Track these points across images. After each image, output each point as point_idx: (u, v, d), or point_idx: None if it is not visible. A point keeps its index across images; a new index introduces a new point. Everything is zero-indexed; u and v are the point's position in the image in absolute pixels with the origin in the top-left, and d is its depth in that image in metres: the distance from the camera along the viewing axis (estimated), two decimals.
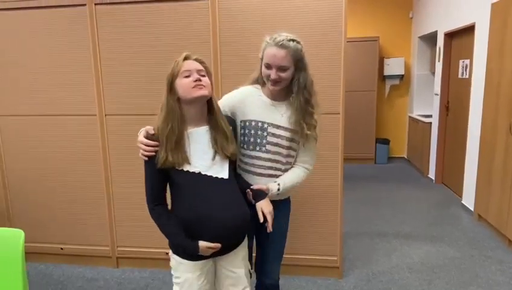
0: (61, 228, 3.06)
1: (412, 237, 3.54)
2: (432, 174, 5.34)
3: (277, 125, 1.71)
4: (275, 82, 1.65)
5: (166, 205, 1.59)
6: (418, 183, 5.28)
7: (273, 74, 1.63)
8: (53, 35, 2.79)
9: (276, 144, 1.72)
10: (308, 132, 1.70)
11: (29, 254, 1.81)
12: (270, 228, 1.63)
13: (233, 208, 1.55)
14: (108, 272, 2.97)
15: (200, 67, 1.51)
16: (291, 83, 1.69)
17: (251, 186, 1.68)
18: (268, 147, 1.72)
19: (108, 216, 2.97)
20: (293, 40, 1.63)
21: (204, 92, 1.47)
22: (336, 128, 2.59)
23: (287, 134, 1.72)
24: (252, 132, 1.72)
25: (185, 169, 1.50)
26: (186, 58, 1.51)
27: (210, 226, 1.49)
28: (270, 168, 1.75)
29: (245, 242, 1.70)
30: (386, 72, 6.24)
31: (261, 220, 1.62)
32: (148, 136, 1.50)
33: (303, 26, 2.50)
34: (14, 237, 1.74)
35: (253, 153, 1.73)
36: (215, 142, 1.54)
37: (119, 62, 2.73)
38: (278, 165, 1.76)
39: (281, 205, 1.83)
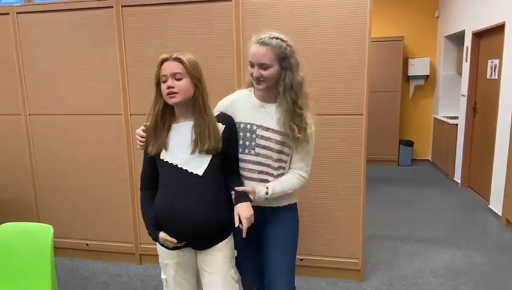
0: (87, 225, 3.14)
1: (435, 241, 3.46)
2: (457, 177, 5.20)
3: (266, 127, 1.65)
4: (258, 80, 1.61)
5: (154, 192, 1.65)
6: (442, 186, 5.16)
7: (255, 71, 1.59)
8: (81, 37, 2.87)
9: (265, 147, 1.65)
10: (299, 135, 1.61)
11: (56, 249, 1.88)
12: (244, 234, 1.53)
13: (200, 205, 1.53)
14: (131, 269, 3.03)
15: (176, 70, 1.50)
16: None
17: (235, 188, 1.61)
18: (257, 149, 1.66)
19: (132, 214, 3.03)
20: (277, 38, 1.58)
21: (174, 100, 1.51)
22: (359, 129, 2.56)
23: (276, 137, 1.65)
24: (241, 134, 1.67)
25: (165, 159, 1.58)
26: (163, 62, 1.53)
27: (171, 217, 1.55)
28: (261, 172, 1.68)
29: (225, 245, 1.63)
30: (411, 72, 6.12)
31: (236, 224, 1.54)
32: (143, 129, 1.66)
33: (327, 25, 2.49)
34: (43, 232, 1.81)
35: (242, 156, 1.68)
36: (197, 138, 1.55)
37: (145, 63, 2.78)
38: (269, 170, 1.68)
39: (281, 212, 1.74)
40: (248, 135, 1.66)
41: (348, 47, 2.48)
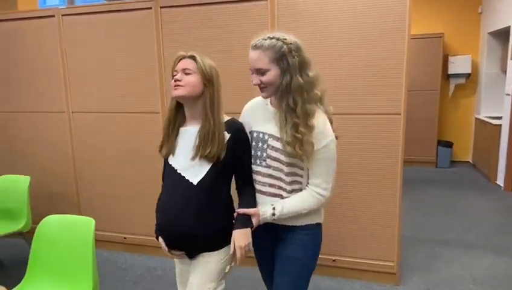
0: (125, 219, 3.25)
1: (476, 246, 3.32)
2: (500, 181, 4.96)
3: (277, 137, 1.48)
4: (260, 88, 1.47)
5: None
6: (484, 189, 4.93)
7: (254, 78, 1.46)
8: (120, 38, 2.97)
9: (276, 159, 1.49)
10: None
11: (95, 241, 1.97)
12: (237, 262, 1.46)
13: (185, 215, 1.48)
14: (167, 263, 3.11)
15: (186, 66, 1.48)
16: None
17: (237, 210, 1.52)
18: (268, 161, 1.50)
19: None
20: (272, 38, 1.41)
21: (177, 92, 1.47)
22: (396, 129, 2.50)
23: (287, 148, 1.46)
24: (253, 143, 1.55)
25: (170, 163, 1.57)
26: (180, 59, 1.53)
27: (161, 222, 1.57)
28: (272, 185, 1.52)
29: (213, 257, 1.54)
30: (451, 70, 5.88)
31: (231, 251, 1.47)
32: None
33: (364, 23, 2.44)
34: (86, 224, 1.90)
35: (254, 167, 1.55)
36: (200, 142, 1.48)
37: None
38: (281, 184, 1.51)
39: (297, 233, 1.55)
40: (260, 144, 1.53)
41: (386, 44, 2.43)
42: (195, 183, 1.49)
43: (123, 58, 3.00)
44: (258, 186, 1.55)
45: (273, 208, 1.48)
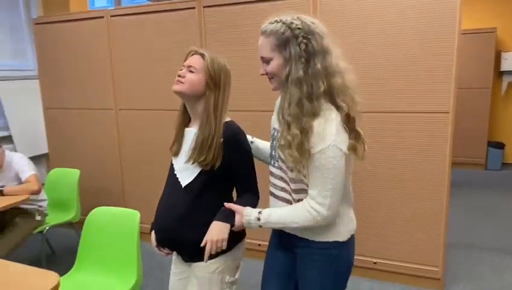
0: None
1: None
2: None
3: None
4: (269, 79, 1.31)
5: None
6: None
7: (261, 68, 1.31)
8: (165, 37, 3.06)
9: (283, 160, 1.30)
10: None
11: (140, 234, 2.05)
12: (205, 259, 1.33)
13: (171, 216, 1.44)
14: None
15: (193, 63, 1.43)
16: None
17: (224, 203, 1.40)
18: (280, 161, 1.33)
19: None
20: (277, 21, 1.24)
21: (175, 87, 1.43)
22: (444, 128, 2.39)
23: None
24: (270, 142, 1.43)
25: (173, 161, 1.54)
26: (192, 54, 1.49)
27: (155, 221, 1.53)
28: (283, 189, 1.35)
29: (206, 269, 1.44)
30: (504, 67, 5.54)
31: (202, 243, 1.33)
32: None
33: (411, 17, 2.35)
34: (131, 217, 1.98)
35: (269, 168, 1.42)
36: (196, 146, 1.41)
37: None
38: (288, 188, 1.33)
39: (315, 249, 1.33)
40: (274, 143, 1.37)
41: (436, 40, 2.32)
42: (183, 186, 1.45)
43: (167, 56, 3.08)
44: (272, 189, 1.41)
45: (259, 212, 1.32)
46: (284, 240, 1.43)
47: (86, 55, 3.40)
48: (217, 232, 1.33)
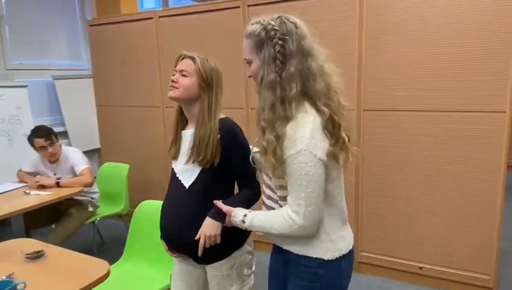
0: None
1: None
2: None
3: None
4: (255, 81, 1.25)
5: None
6: None
7: (247, 70, 1.26)
8: (211, 36, 3.12)
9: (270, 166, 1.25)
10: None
11: None
12: (199, 252, 1.34)
13: (177, 219, 1.46)
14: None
15: (185, 67, 1.45)
16: None
17: (214, 201, 1.38)
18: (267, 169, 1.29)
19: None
20: (257, 22, 1.20)
21: (171, 93, 1.45)
22: (500, 129, 2.26)
23: None
24: None
25: (172, 164, 1.55)
26: (182, 58, 1.50)
27: (160, 223, 1.54)
28: (269, 197, 1.31)
29: (220, 267, 1.47)
30: None
31: (196, 237, 1.36)
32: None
33: (471, 16, 2.24)
34: None
35: (261, 175, 1.39)
36: (194, 146, 1.43)
37: None
38: (275, 196, 1.28)
39: (301, 265, 1.25)
40: None
41: (494, 36, 2.20)
42: (187, 187, 1.47)
43: (214, 56, 3.12)
44: (262, 196, 1.38)
45: (245, 215, 1.29)
46: (279, 252, 1.38)
47: (135, 55, 3.54)
48: (210, 227, 1.36)
